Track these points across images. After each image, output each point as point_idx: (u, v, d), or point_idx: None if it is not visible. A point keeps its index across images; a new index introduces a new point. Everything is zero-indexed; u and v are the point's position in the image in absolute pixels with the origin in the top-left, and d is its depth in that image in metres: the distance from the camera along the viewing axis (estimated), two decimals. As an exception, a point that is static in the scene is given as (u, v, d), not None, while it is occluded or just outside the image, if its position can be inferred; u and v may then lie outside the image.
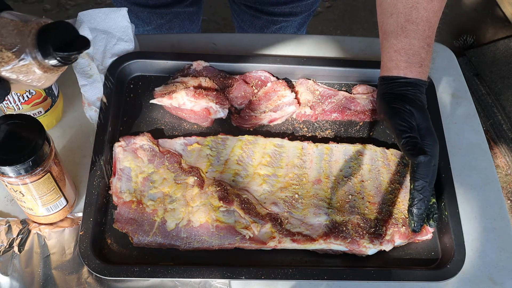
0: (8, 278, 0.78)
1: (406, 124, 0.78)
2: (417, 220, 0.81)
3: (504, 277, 0.85)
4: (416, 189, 0.80)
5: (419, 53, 0.81)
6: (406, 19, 0.81)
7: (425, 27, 0.81)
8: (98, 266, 0.77)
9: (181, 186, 0.84)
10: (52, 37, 0.60)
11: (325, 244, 0.81)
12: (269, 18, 1.24)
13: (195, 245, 0.81)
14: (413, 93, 0.81)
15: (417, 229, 0.81)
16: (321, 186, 0.87)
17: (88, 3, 2.34)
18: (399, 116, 0.79)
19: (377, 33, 0.88)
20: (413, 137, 0.78)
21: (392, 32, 0.82)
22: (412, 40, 0.81)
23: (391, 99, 0.81)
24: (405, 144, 0.77)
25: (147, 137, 0.88)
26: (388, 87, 0.82)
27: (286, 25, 1.28)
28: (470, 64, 2.25)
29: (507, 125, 2.11)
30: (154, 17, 1.23)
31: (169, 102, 0.91)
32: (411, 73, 0.81)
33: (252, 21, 1.28)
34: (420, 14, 0.80)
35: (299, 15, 1.25)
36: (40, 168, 0.72)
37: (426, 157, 0.76)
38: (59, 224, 0.83)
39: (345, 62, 1.01)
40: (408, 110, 0.80)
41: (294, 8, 1.21)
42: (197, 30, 1.39)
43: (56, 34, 0.61)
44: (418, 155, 0.76)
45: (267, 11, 1.22)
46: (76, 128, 0.93)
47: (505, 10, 2.44)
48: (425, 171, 0.79)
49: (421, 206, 0.80)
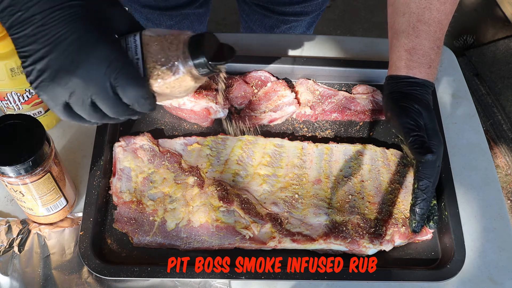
0: (8, 278, 0.78)
1: (414, 123, 0.78)
2: (419, 220, 0.81)
3: (504, 277, 0.85)
4: (420, 189, 0.80)
5: (429, 54, 0.81)
6: (418, 19, 0.81)
7: (436, 29, 0.81)
8: (98, 266, 0.77)
9: (181, 186, 0.84)
10: (203, 48, 0.62)
11: (325, 244, 0.81)
12: (280, 18, 1.24)
13: (195, 245, 0.81)
14: (421, 93, 0.81)
15: (418, 230, 0.81)
16: (321, 186, 0.87)
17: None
18: (408, 114, 0.79)
19: (377, 33, 0.89)
20: (421, 135, 0.78)
21: (403, 31, 0.82)
22: (423, 41, 0.81)
23: (400, 98, 0.81)
24: (413, 143, 0.78)
25: (147, 137, 0.88)
26: (397, 86, 0.82)
27: (296, 24, 1.28)
28: (470, 64, 2.26)
29: (507, 125, 2.11)
30: (164, 19, 1.23)
31: (169, 102, 0.91)
32: (420, 73, 0.81)
33: (262, 21, 1.28)
34: (433, 15, 0.81)
35: (310, 15, 1.25)
36: (40, 168, 0.72)
37: (433, 156, 0.77)
38: (59, 224, 0.83)
39: (345, 62, 1.01)
40: (417, 109, 0.80)
41: (305, 7, 1.21)
42: (204, 31, 1.40)
43: (205, 45, 0.62)
44: (425, 154, 0.76)
45: (279, 10, 1.22)
46: (76, 128, 0.93)
47: (505, 10, 2.44)
48: (430, 171, 0.80)
49: (424, 206, 0.80)
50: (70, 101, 0.59)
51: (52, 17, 0.56)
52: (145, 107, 0.62)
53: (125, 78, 0.58)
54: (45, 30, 0.56)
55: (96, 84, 0.58)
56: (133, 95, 0.60)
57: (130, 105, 0.61)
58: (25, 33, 0.56)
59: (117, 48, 0.59)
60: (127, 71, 0.59)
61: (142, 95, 0.60)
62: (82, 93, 0.58)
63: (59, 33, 0.56)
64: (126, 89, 0.59)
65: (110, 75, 0.58)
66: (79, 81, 0.57)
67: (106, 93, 0.59)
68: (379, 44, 1.09)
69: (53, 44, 0.56)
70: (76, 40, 0.57)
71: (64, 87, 0.58)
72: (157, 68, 0.61)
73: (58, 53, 0.56)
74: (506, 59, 2.26)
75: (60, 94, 0.58)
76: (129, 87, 0.59)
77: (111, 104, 0.60)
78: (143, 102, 0.61)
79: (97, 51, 0.57)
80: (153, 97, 0.63)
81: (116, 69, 0.58)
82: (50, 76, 0.57)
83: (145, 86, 0.61)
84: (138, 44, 0.62)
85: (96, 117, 0.62)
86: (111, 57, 0.58)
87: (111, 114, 0.61)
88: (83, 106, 0.59)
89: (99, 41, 0.58)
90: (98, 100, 0.59)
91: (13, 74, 0.79)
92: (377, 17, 2.41)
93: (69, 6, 0.57)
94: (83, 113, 0.61)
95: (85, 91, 0.58)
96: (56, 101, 0.59)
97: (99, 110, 0.61)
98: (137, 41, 0.62)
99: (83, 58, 0.57)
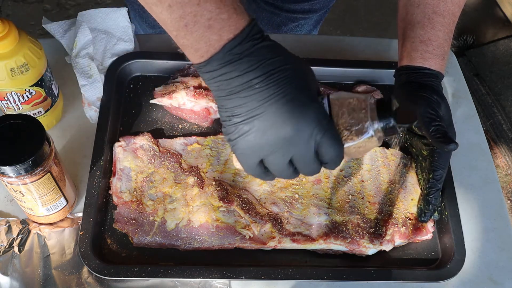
0: (8, 278, 0.78)
1: (435, 113, 0.78)
2: (432, 209, 0.82)
3: (504, 277, 0.85)
4: (435, 179, 0.81)
5: (443, 46, 0.81)
6: (433, 11, 0.81)
7: (450, 21, 0.82)
8: (98, 266, 0.77)
9: (181, 186, 0.84)
10: (391, 111, 0.65)
11: (325, 244, 0.81)
12: (288, 15, 1.24)
13: (195, 245, 0.81)
14: (437, 85, 0.81)
15: (427, 219, 0.82)
16: (321, 186, 0.87)
17: (88, 3, 2.34)
18: (429, 104, 0.79)
19: (377, 33, 0.88)
20: (442, 125, 0.77)
21: (418, 22, 0.82)
22: (438, 32, 0.81)
23: (418, 88, 0.81)
24: (436, 132, 0.77)
25: (147, 137, 0.88)
26: (413, 77, 0.82)
27: (304, 22, 1.27)
28: (470, 64, 2.26)
29: (507, 125, 2.11)
30: None
31: (169, 102, 0.91)
32: (435, 64, 0.81)
33: (270, 19, 1.27)
34: (447, 7, 0.81)
35: (318, 12, 1.25)
36: (40, 168, 0.72)
37: (456, 146, 0.77)
38: (59, 224, 0.83)
39: (345, 62, 1.01)
40: (435, 99, 0.79)
41: (314, 4, 1.21)
42: None
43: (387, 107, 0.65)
44: (449, 143, 0.76)
45: (287, 8, 1.21)
46: (76, 128, 0.93)
47: (505, 10, 2.44)
48: (445, 161, 0.80)
49: (437, 196, 0.81)
50: (268, 158, 0.61)
51: (270, 79, 0.58)
52: (335, 166, 0.64)
53: (330, 138, 0.61)
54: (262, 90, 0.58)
55: (303, 143, 0.60)
56: (333, 155, 0.62)
57: (325, 163, 0.63)
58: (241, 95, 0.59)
59: (323, 110, 0.62)
60: (332, 132, 0.61)
61: (339, 155, 0.63)
62: (285, 151, 0.60)
63: (276, 93, 0.58)
64: (328, 149, 0.61)
65: (317, 134, 0.60)
66: (287, 139, 0.59)
67: (308, 151, 0.61)
68: (379, 44, 1.09)
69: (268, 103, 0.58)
70: (290, 101, 0.59)
71: (270, 145, 0.60)
72: (348, 130, 0.64)
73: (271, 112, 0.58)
74: (506, 59, 2.26)
75: (262, 151, 0.61)
76: (331, 148, 0.61)
77: (308, 162, 0.62)
78: (337, 161, 0.64)
79: (309, 112, 0.59)
80: None
81: (322, 129, 0.60)
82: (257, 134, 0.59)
83: (342, 146, 0.63)
84: (326, 106, 0.64)
85: (287, 174, 0.64)
86: (320, 117, 0.60)
87: (305, 172, 0.64)
88: (280, 164, 0.62)
89: (312, 101, 0.60)
90: (298, 157, 0.61)
91: (13, 74, 0.79)
92: (377, 17, 2.40)
93: (284, 69, 0.59)
94: (276, 170, 0.63)
95: (290, 149, 0.60)
96: (255, 159, 0.62)
97: (292, 167, 0.63)
98: (326, 104, 0.64)
99: (297, 118, 0.59)
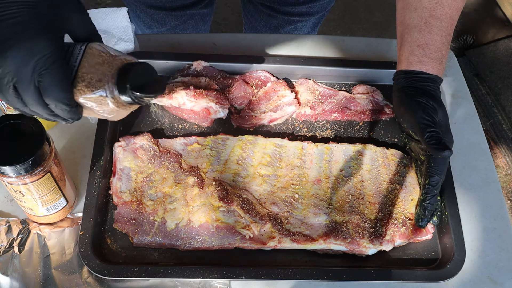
0: (8, 278, 0.78)
1: (430, 119, 0.78)
2: (428, 215, 0.81)
3: (504, 277, 0.85)
4: (431, 184, 0.81)
5: (440, 49, 0.81)
6: (430, 15, 0.81)
7: (447, 24, 0.82)
8: (98, 266, 0.77)
9: (181, 186, 0.84)
10: (132, 76, 0.62)
11: (325, 244, 0.81)
12: (285, 18, 1.24)
13: (195, 245, 0.81)
14: (434, 89, 0.81)
15: (424, 225, 0.82)
16: (321, 186, 0.87)
17: (88, 3, 2.34)
18: (424, 110, 0.79)
19: (377, 33, 0.89)
20: (437, 132, 0.78)
21: (415, 26, 0.82)
22: (435, 36, 0.81)
23: (414, 93, 0.81)
24: (430, 138, 0.77)
25: (147, 137, 0.88)
26: (410, 81, 0.82)
27: (301, 25, 1.28)
28: (470, 64, 2.25)
29: (507, 125, 2.11)
30: (169, 19, 1.24)
31: (169, 102, 0.91)
32: (432, 69, 0.81)
33: (267, 21, 1.28)
34: (445, 10, 0.81)
35: (315, 15, 1.25)
36: (40, 168, 0.72)
37: (450, 153, 0.77)
38: (59, 224, 0.83)
39: (345, 62, 1.01)
40: (432, 105, 0.80)
41: (311, 8, 1.21)
42: (208, 30, 1.40)
43: (136, 74, 0.63)
44: (443, 150, 0.76)
45: (284, 10, 1.22)
46: (76, 128, 0.93)
47: (505, 10, 2.44)
48: (441, 167, 0.80)
49: (433, 202, 0.81)
50: None
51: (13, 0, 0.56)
52: (65, 113, 0.61)
53: (50, 76, 0.58)
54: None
55: (21, 70, 0.57)
56: (53, 96, 0.59)
57: (49, 104, 0.60)
58: None
59: (55, 47, 0.59)
60: (55, 71, 0.58)
61: (62, 99, 0.60)
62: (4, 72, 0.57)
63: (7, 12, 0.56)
64: (47, 88, 0.58)
65: (36, 67, 0.57)
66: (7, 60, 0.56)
67: (28, 83, 0.58)
68: (379, 44, 1.09)
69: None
70: (20, 23, 0.56)
71: None
72: (84, 80, 0.61)
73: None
74: (506, 59, 2.26)
75: None
76: (50, 87, 0.58)
77: (30, 96, 0.59)
78: (63, 108, 0.60)
79: (33, 40, 0.57)
80: (77, 106, 0.63)
81: (45, 65, 0.57)
82: None
83: (68, 92, 0.60)
84: (81, 53, 0.62)
85: (18, 104, 0.60)
86: (45, 52, 0.57)
87: (30, 106, 0.60)
88: (6, 85, 0.58)
89: (40, 32, 0.57)
90: (20, 87, 0.58)
91: (13, 74, 0.79)
92: (377, 17, 2.41)
93: None
94: (5, 93, 0.60)
95: (9, 72, 0.57)
96: None
97: (21, 98, 0.60)
98: (81, 50, 0.62)
99: (18, 41, 0.56)
